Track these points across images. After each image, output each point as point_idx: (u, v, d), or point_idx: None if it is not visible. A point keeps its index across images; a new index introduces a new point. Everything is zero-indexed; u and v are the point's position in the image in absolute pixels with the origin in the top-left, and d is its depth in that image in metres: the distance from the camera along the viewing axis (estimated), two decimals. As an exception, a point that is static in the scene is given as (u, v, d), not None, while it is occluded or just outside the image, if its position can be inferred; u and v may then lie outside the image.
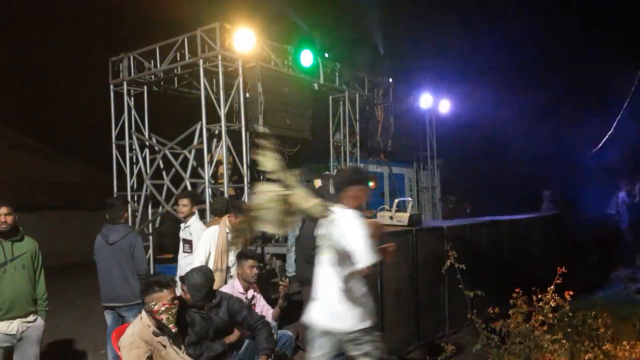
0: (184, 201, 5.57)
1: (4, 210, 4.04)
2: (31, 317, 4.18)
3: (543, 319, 3.46)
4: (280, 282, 4.83)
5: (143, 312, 3.55)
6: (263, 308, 4.83)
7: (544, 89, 14.25)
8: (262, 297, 4.89)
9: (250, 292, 4.76)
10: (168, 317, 3.43)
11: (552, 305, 3.47)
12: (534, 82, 14.82)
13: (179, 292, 4.02)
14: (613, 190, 11.55)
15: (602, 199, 11.97)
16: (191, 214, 5.60)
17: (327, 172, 8.54)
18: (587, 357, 3.38)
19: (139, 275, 4.85)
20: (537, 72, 15.13)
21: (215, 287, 4.79)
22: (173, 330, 3.44)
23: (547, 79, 14.40)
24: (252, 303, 4.77)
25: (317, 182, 7.45)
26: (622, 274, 10.09)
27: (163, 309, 3.42)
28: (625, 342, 4.08)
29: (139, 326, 3.48)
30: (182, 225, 5.68)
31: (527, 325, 3.48)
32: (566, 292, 3.55)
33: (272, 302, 5.07)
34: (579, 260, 9.12)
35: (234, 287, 4.68)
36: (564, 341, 3.41)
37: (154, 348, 3.40)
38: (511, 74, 15.23)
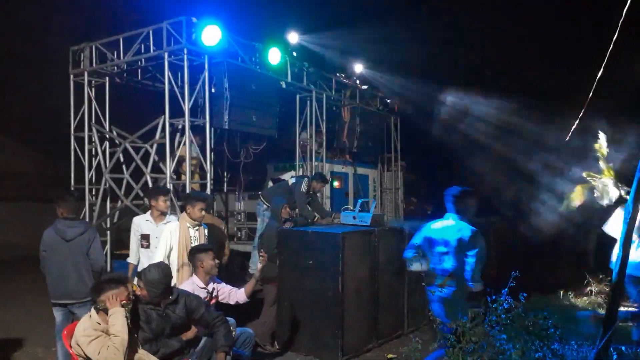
0: (158, 197, 5.44)
1: None
2: None
3: (497, 319, 3.58)
4: (260, 254, 4.82)
5: (92, 310, 3.50)
6: (230, 292, 4.75)
7: (508, 91, 14.66)
8: (223, 283, 4.83)
9: (211, 285, 4.70)
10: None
11: (506, 307, 3.59)
12: (498, 84, 15.22)
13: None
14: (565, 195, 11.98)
15: (555, 203, 12.40)
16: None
17: (303, 174, 8.56)
18: (536, 355, 3.51)
19: (95, 272, 4.77)
20: (501, 74, 15.52)
21: (184, 280, 4.76)
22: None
23: (508, 81, 14.81)
24: (214, 295, 4.72)
25: (291, 180, 7.48)
26: (576, 276, 10.49)
27: None
28: (573, 342, 4.27)
29: (89, 323, 3.42)
30: (149, 219, 5.50)
31: (482, 326, 3.58)
32: (520, 293, 3.68)
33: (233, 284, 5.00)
34: (533, 263, 9.43)
35: (194, 284, 4.61)
36: (516, 340, 3.53)
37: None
38: (474, 76, 15.59)
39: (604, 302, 4.03)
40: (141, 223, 5.45)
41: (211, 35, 6.77)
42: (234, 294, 4.74)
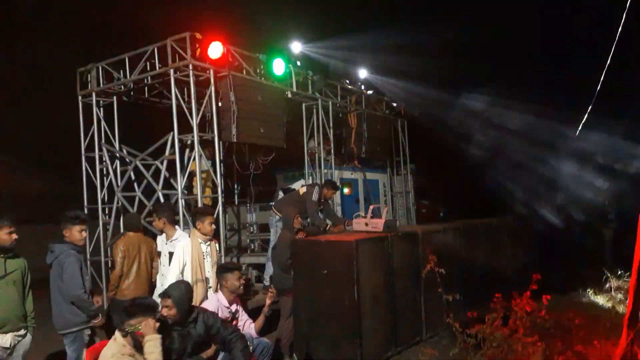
0: (153, 215, 5.51)
1: (12, 227, 4.16)
2: (22, 332, 4.29)
3: (518, 322, 3.53)
4: (270, 290, 4.83)
5: (117, 333, 3.50)
6: (246, 322, 4.80)
7: (515, 93, 14.60)
8: (244, 312, 4.87)
9: (234, 306, 4.73)
10: None
11: (527, 310, 3.55)
12: (505, 87, 15.17)
13: None
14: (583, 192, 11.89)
15: (571, 200, 12.30)
16: (165, 226, 5.50)
17: (314, 182, 8.53)
18: (560, 358, 3.46)
19: (72, 302, 4.46)
20: (507, 77, 15.47)
21: (199, 297, 4.80)
22: None
23: (518, 83, 14.76)
24: (236, 317, 4.75)
25: (302, 190, 7.45)
26: (593, 274, 10.36)
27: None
28: (595, 342, 4.20)
29: (116, 348, 3.42)
30: (162, 237, 5.56)
31: (504, 329, 3.54)
32: (544, 296, 3.63)
33: (249, 314, 5.03)
34: (550, 261, 9.33)
35: (218, 301, 4.63)
36: (539, 343, 3.48)
37: None
38: (480, 78, 15.55)
39: (624, 299, 3.96)
40: (158, 241, 5.53)
41: (215, 49, 6.81)
42: (247, 326, 4.77)
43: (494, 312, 3.61)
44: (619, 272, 9.61)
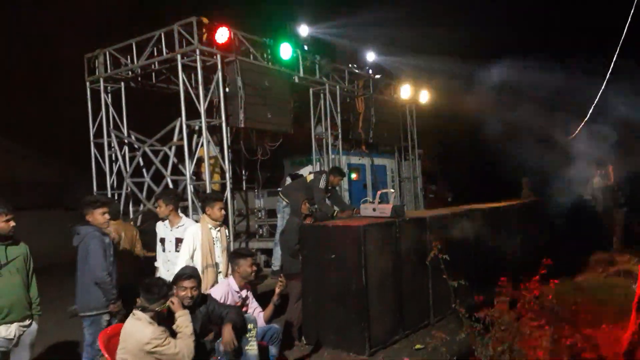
0: (158, 202, 5.51)
1: (10, 214, 4.07)
2: (27, 321, 4.22)
3: (526, 306, 3.54)
4: (280, 279, 4.86)
5: (140, 313, 3.60)
6: (255, 310, 4.85)
7: (521, 77, 14.43)
8: (254, 299, 4.92)
9: (244, 292, 4.79)
10: None
11: (535, 293, 3.55)
12: (511, 71, 14.98)
13: None
14: (591, 176, 11.81)
15: (579, 184, 12.23)
16: (171, 213, 5.50)
17: (321, 169, 8.52)
18: (568, 341, 3.47)
19: (96, 283, 4.49)
20: (514, 61, 15.28)
21: (210, 282, 4.86)
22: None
23: (525, 67, 14.56)
24: (246, 303, 4.80)
25: (309, 177, 7.44)
26: (601, 257, 10.33)
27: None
28: (604, 326, 4.21)
29: (151, 327, 3.53)
30: (165, 224, 5.56)
31: (511, 314, 3.55)
32: (551, 280, 3.63)
33: (258, 300, 5.08)
34: (558, 245, 9.30)
35: (229, 285, 4.69)
36: (547, 327, 3.49)
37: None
38: (489, 63, 15.36)
39: (634, 282, 3.96)
40: (159, 227, 5.54)
41: (222, 34, 6.78)
42: (256, 314, 4.81)
43: (501, 296, 3.62)
44: (629, 256, 9.58)
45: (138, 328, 3.52)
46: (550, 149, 13.99)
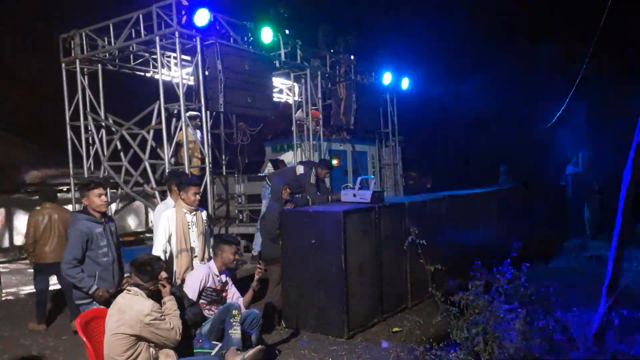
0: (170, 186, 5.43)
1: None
2: None
3: (500, 290, 3.63)
4: (258, 266, 4.87)
5: (134, 288, 3.64)
6: (234, 295, 4.87)
7: (501, 68, 14.60)
8: (233, 285, 4.93)
9: (224, 277, 4.80)
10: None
11: (509, 277, 3.63)
12: (492, 61, 15.14)
13: None
14: (565, 163, 12.07)
15: (555, 171, 12.50)
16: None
17: (310, 160, 8.50)
18: (540, 324, 3.57)
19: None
20: (494, 51, 15.44)
21: (183, 266, 4.84)
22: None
23: (505, 58, 14.73)
24: (225, 288, 4.82)
25: (299, 169, 7.42)
26: (574, 243, 10.61)
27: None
28: (575, 308, 4.33)
29: (146, 302, 3.57)
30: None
31: (486, 297, 3.63)
32: (523, 263, 3.72)
33: (237, 285, 5.09)
34: (534, 230, 9.51)
35: (210, 269, 4.71)
36: (520, 310, 3.58)
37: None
38: (470, 52, 15.48)
39: (604, 266, 4.10)
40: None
41: (202, 16, 6.67)
42: (235, 299, 4.83)
43: (476, 280, 3.70)
44: (601, 242, 9.85)
45: (138, 300, 3.57)
46: (528, 137, 14.24)
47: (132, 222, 13.07)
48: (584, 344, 3.70)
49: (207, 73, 6.98)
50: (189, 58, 7.49)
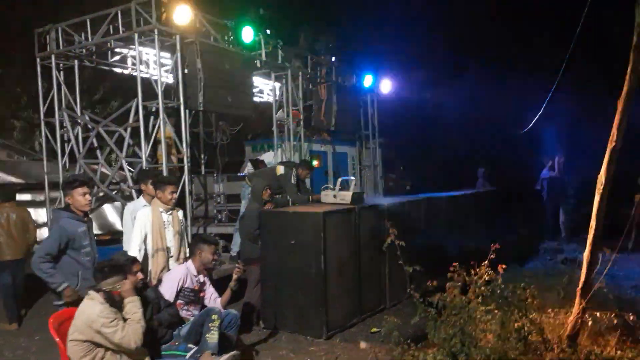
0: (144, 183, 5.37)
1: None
2: None
3: (477, 291, 3.66)
4: (237, 265, 4.83)
5: (93, 293, 3.50)
6: (211, 296, 4.82)
7: (481, 71, 14.80)
8: (211, 285, 4.88)
9: (202, 277, 4.75)
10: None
11: (486, 279, 3.67)
12: (472, 64, 15.34)
13: None
14: (541, 167, 12.29)
15: (532, 175, 12.71)
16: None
17: (290, 161, 8.47)
18: (516, 325, 3.62)
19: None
20: (475, 54, 15.65)
21: (160, 266, 4.77)
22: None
23: (485, 62, 14.94)
24: (203, 288, 4.77)
25: (279, 169, 7.38)
26: (549, 245, 10.80)
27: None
28: (550, 310, 4.41)
29: (101, 306, 3.41)
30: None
31: (463, 298, 3.66)
32: (499, 265, 3.77)
33: (215, 285, 5.05)
34: (510, 233, 9.65)
35: (187, 269, 4.65)
36: (496, 311, 3.63)
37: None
38: (448, 56, 15.66)
39: (579, 270, 4.19)
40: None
41: (182, 14, 6.59)
42: (213, 300, 4.80)
43: (453, 281, 3.73)
44: (575, 245, 10.03)
45: (89, 305, 3.44)
46: (505, 142, 14.45)
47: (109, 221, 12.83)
48: (559, 345, 3.76)
49: (186, 71, 6.90)
50: (168, 55, 7.38)
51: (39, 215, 7.95)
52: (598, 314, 3.91)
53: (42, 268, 4.10)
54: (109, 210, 8.75)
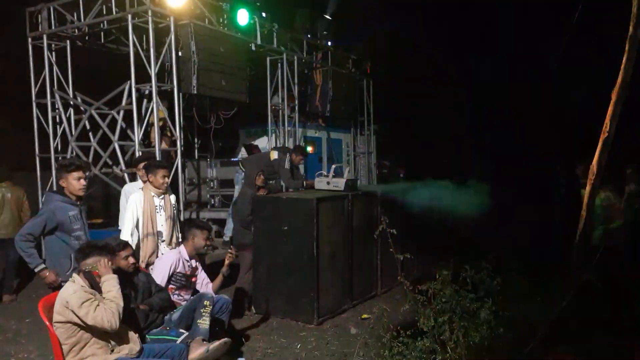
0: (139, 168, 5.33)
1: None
2: None
3: (467, 279, 3.69)
4: (229, 251, 4.84)
5: (74, 275, 3.50)
6: (203, 281, 4.83)
7: (478, 57, 14.74)
8: (202, 270, 4.89)
9: (194, 262, 4.76)
10: None
11: (476, 267, 3.70)
12: (468, 50, 15.26)
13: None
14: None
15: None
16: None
17: (285, 146, 8.45)
18: (505, 313, 3.66)
19: None
20: (470, 41, 15.55)
21: (149, 250, 4.77)
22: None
23: (482, 49, 14.86)
24: (195, 274, 4.78)
25: (273, 154, 7.35)
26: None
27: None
28: (538, 298, 4.44)
29: (77, 286, 3.41)
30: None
31: (454, 287, 3.69)
32: (488, 256, 3.79)
33: (207, 270, 5.05)
34: (504, 223, 9.69)
35: (180, 254, 4.65)
36: (485, 300, 3.66)
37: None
38: (447, 41, 15.55)
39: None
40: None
41: (176, -5, 6.50)
42: (204, 285, 4.81)
43: (444, 269, 3.75)
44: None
45: (66, 287, 3.44)
46: (500, 130, 14.45)
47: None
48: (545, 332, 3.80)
49: (180, 54, 6.82)
50: (162, 38, 7.29)
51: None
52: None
53: (21, 246, 4.09)
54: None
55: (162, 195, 4.95)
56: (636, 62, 3.47)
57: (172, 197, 5.13)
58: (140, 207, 4.81)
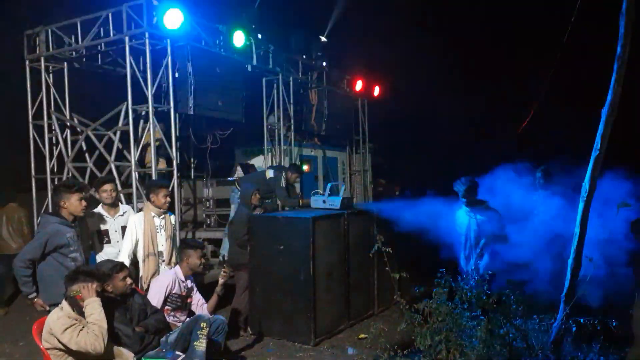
0: (106, 186, 5.22)
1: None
2: None
3: (463, 297, 3.69)
4: (223, 269, 4.84)
5: (63, 301, 3.50)
6: (198, 302, 4.82)
7: (471, 79, 14.93)
8: (197, 291, 4.88)
9: (189, 283, 4.75)
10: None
11: (472, 285, 3.70)
12: (463, 70, 15.46)
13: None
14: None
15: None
16: (115, 200, 5.33)
17: (280, 165, 8.50)
18: (502, 331, 3.65)
19: None
20: (465, 60, 15.77)
21: (151, 271, 4.77)
22: None
23: (476, 68, 15.06)
24: (190, 294, 4.77)
25: (269, 173, 7.39)
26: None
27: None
28: (535, 316, 4.44)
29: (62, 312, 3.42)
30: (108, 213, 5.30)
31: (450, 305, 3.69)
32: (486, 272, 3.80)
33: (204, 290, 5.04)
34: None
35: (175, 274, 4.65)
36: (481, 317, 3.66)
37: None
38: (442, 61, 15.76)
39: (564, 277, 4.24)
40: (95, 218, 5.18)
41: (173, 18, 6.59)
42: (200, 306, 4.81)
43: (440, 287, 3.76)
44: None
45: (52, 314, 3.44)
46: (496, 146, 14.55)
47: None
48: (543, 352, 3.80)
49: (177, 75, 6.89)
50: (159, 59, 7.36)
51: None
52: (582, 320, 3.94)
53: (19, 273, 4.11)
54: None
55: (162, 215, 4.97)
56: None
57: (172, 217, 5.16)
58: (140, 229, 4.82)
